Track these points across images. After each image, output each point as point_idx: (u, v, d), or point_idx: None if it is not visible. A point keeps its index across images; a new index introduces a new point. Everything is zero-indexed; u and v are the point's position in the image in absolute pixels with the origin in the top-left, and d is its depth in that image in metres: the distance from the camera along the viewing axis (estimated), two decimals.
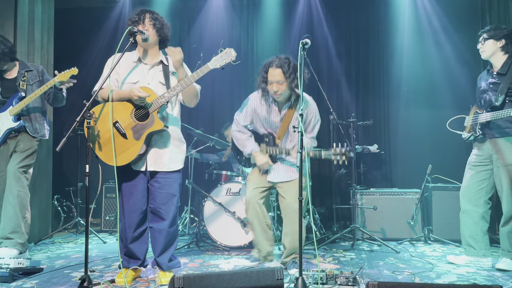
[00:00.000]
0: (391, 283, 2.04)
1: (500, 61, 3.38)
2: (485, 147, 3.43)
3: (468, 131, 3.54)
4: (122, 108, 2.92)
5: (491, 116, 3.29)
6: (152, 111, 2.88)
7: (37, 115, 3.59)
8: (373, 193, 4.78)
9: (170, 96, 2.88)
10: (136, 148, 2.88)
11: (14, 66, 3.61)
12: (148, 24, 2.99)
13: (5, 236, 3.38)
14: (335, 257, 3.79)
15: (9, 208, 3.38)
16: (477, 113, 3.46)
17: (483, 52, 3.44)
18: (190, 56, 5.65)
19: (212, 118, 6.15)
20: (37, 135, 3.59)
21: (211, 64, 2.90)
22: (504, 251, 3.33)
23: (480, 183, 3.44)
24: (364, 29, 5.90)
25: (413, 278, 3.07)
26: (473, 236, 3.43)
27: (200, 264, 3.54)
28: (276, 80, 3.20)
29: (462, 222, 3.52)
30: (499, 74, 3.37)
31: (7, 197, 3.39)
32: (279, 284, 2.31)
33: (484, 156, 3.44)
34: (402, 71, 5.62)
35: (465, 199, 3.50)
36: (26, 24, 4.60)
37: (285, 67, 3.17)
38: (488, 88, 3.43)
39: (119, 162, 2.87)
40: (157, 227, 3.01)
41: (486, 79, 3.49)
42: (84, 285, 2.54)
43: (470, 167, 3.53)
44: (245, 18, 6.16)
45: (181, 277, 2.30)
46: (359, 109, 5.80)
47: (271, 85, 3.24)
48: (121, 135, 2.89)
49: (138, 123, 2.90)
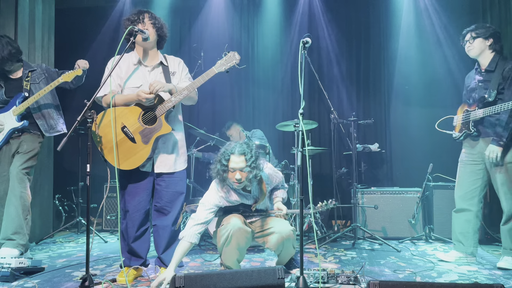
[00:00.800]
0: (392, 282, 2.04)
1: (487, 59, 3.41)
2: (477, 145, 3.44)
3: (459, 130, 3.54)
4: (129, 112, 2.93)
5: (483, 112, 3.30)
6: (160, 115, 2.89)
7: (50, 111, 3.62)
8: (374, 192, 4.77)
9: (176, 100, 2.90)
10: (146, 152, 2.90)
11: (20, 67, 3.64)
12: (148, 24, 3.00)
13: (7, 237, 3.38)
14: (336, 256, 3.79)
15: (12, 209, 3.39)
16: (467, 111, 3.47)
17: (471, 50, 3.46)
18: (190, 55, 5.67)
19: (213, 117, 6.15)
20: (53, 131, 3.61)
21: (216, 68, 2.94)
22: (506, 250, 3.32)
23: (474, 182, 3.46)
24: (365, 27, 5.90)
25: (414, 277, 3.07)
26: (464, 233, 3.48)
27: (201, 263, 3.55)
28: (239, 168, 2.83)
29: (454, 219, 3.57)
30: (487, 71, 3.40)
31: (10, 198, 3.40)
32: (280, 283, 2.31)
33: (476, 155, 3.45)
34: (403, 69, 5.61)
35: (460, 198, 3.53)
36: (26, 24, 4.60)
37: (247, 154, 2.86)
38: (477, 86, 3.45)
39: (129, 166, 2.90)
40: (161, 223, 3.04)
41: (473, 77, 3.52)
42: (85, 284, 2.55)
43: (462, 165, 3.55)
44: (246, 17, 6.15)
45: (182, 276, 2.31)
46: (360, 108, 5.80)
47: (233, 173, 2.85)
48: (129, 139, 2.91)
49: (146, 127, 2.91)
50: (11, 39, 3.62)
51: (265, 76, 5.99)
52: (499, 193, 3.35)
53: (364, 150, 5.18)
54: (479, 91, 3.42)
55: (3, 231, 3.40)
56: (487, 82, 3.36)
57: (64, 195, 5.51)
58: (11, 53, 3.50)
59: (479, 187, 3.45)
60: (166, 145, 3.03)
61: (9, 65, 3.54)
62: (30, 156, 3.52)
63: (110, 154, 2.90)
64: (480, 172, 3.44)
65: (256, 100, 6.05)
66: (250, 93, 6.08)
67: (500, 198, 3.36)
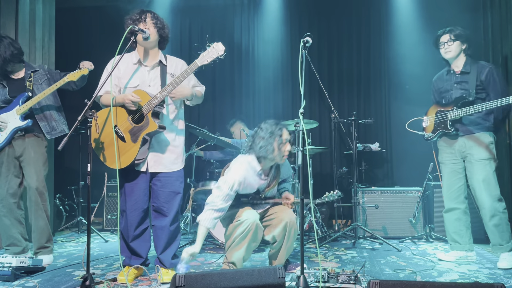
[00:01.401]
0: (393, 281, 2.04)
1: (461, 61, 3.52)
2: (456, 144, 3.51)
3: (433, 130, 3.61)
4: (120, 112, 2.95)
5: (465, 111, 3.33)
6: (146, 112, 2.88)
7: (52, 113, 3.62)
8: (375, 191, 4.77)
9: (162, 97, 2.86)
10: (134, 151, 2.90)
11: (21, 67, 3.64)
12: (150, 23, 3.00)
13: (42, 246, 3.55)
14: (337, 256, 3.79)
15: (41, 221, 3.54)
16: (442, 112, 3.54)
17: (449, 52, 3.52)
18: (191, 54, 5.66)
19: (213, 117, 6.16)
20: (55, 133, 3.62)
21: (199, 60, 2.85)
22: (496, 246, 3.37)
23: (458, 181, 3.54)
24: (366, 26, 5.89)
25: (414, 276, 3.07)
26: (458, 232, 3.53)
27: (202, 262, 3.55)
28: (288, 139, 2.99)
29: (446, 220, 3.62)
30: (463, 73, 3.48)
31: (37, 211, 3.52)
32: (281, 282, 2.32)
33: (455, 154, 3.53)
34: (404, 69, 5.60)
35: (447, 198, 3.59)
36: (27, 23, 4.60)
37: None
38: (452, 87, 3.53)
39: (119, 165, 2.91)
40: (159, 224, 3.04)
41: (446, 79, 3.60)
42: (86, 283, 2.55)
43: (444, 165, 3.63)
44: (246, 16, 6.15)
45: (183, 275, 2.31)
46: (360, 107, 5.80)
47: (286, 145, 2.97)
48: (120, 138, 2.92)
49: (134, 126, 2.91)
50: (13, 40, 3.62)
51: (265, 76, 5.99)
52: (477, 190, 3.39)
53: (364, 149, 5.18)
54: (455, 92, 3.50)
55: (37, 241, 3.55)
56: (464, 83, 3.45)
57: (65, 195, 5.52)
58: (13, 54, 3.50)
59: (464, 184, 3.54)
60: (160, 144, 3.02)
61: (11, 65, 3.54)
62: (44, 168, 3.59)
63: (104, 154, 2.93)
64: (461, 170, 3.53)
65: (256, 99, 6.04)
66: (251, 93, 6.07)
67: (478, 195, 3.40)
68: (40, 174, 3.54)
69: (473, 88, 3.38)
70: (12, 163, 3.53)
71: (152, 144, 3.00)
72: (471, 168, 3.43)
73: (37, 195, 3.50)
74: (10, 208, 3.51)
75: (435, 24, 5.45)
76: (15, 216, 3.53)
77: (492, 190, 3.35)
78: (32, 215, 3.53)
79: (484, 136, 3.40)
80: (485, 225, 3.41)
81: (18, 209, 3.56)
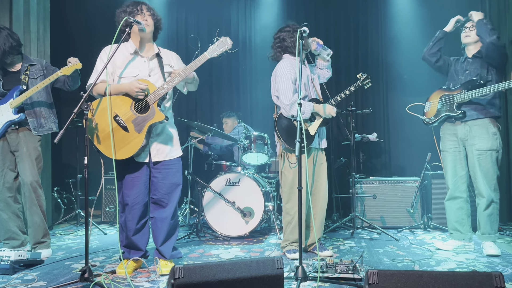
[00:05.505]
0: (391, 271, 2.04)
1: (476, 48, 3.54)
2: (459, 132, 3.50)
3: (435, 114, 3.62)
4: (121, 101, 2.91)
5: (475, 93, 3.34)
6: (152, 102, 2.87)
7: (42, 110, 3.55)
8: (373, 181, 4.78)
9: (169, 87, 2.88)
10: (139, 141, 2.88)
11: (19, 60, 3.59)
12: (147, 14, 3.00)
13: (38, 241, 3.54)
14: (335, 246, 3.81)
15: (36, 217, 3.52)
16: (447, 96, 3.55)
17: (468, 37, 3.57)
18: (187, 46, 5.63)
19: (210, 109, 6.14)
20: (42, 130, 3.54)
21: (208, 53, 2.92)
22: (485, 234, 3.40)
23: (461, 169, 3.55)
24: (363, 17, 5.86)
25: (412, 266, 3.09)
26: (459, 221, 3.54)
27: (201, 254, 3.56)
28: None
29: (447, 208, 3.62)
30: (475, 56, 3.52)
31: (31, 207, 3.49)
32: (279, 273, 2.32)
33: (457, 141, 3.53)
34: (401, 59, 5.59)
35: (451, 187, 3.59)
36: (21, 15, 4.54)
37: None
38: (463, 73, 3.56)
39: (122, 156, 2.88)
40: (159, 216, 3.03)
41: (460, 65, 3.62)
42: (85, 276, 2.55)
43: (447, 153, 3.61)
44: (243, 7, 6.11)
45: (181, 267, 2.31)
46: (358, 98, 5.78)
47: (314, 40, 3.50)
48: (122, 128, 2.89)
49: (139, 116, 2.89)
50: (11, 31, 3.54)
51: (262, 66, 5.95)
52: (478, 179, 3.41)
53: (362, 139, 5.18)
54: (464, 77, 3.53)
55: (33, 237, 3.54)
56: (475, 67, 3.49)
57: (63, 188, 5.51)
58: (12, 46, 3.45)
59: (467, 173, 3.55)
60: (160, 133, 3.02)
61: (10, 58, 3.49)
62: (38, 163, 3.55)
63: (103, 144, 2.88)
64: (464, 158, 3.54)
65: (253, 90, 6.02)
66: (248, 83, 6.05)
67: (477, 184, 3.42)
68: (34, 169, 3.49)
69: (485, 72, 3.41)
70: (7, 157, 3.50)
71: (152, 134, 2.99)
72: (472, 157, 3.43)
73: (31, 191, 3.46)
74: (7, 202, 3.49)
75: (433, 13, 5.44)
76: (13, 210, 3.52)
77: (490, 180, 3.37)
78: (27, 211, 3.50)
79: (489, 125, 3.39)
80: (479, 213, 3.43)
81: (15, 203, 3.54)
